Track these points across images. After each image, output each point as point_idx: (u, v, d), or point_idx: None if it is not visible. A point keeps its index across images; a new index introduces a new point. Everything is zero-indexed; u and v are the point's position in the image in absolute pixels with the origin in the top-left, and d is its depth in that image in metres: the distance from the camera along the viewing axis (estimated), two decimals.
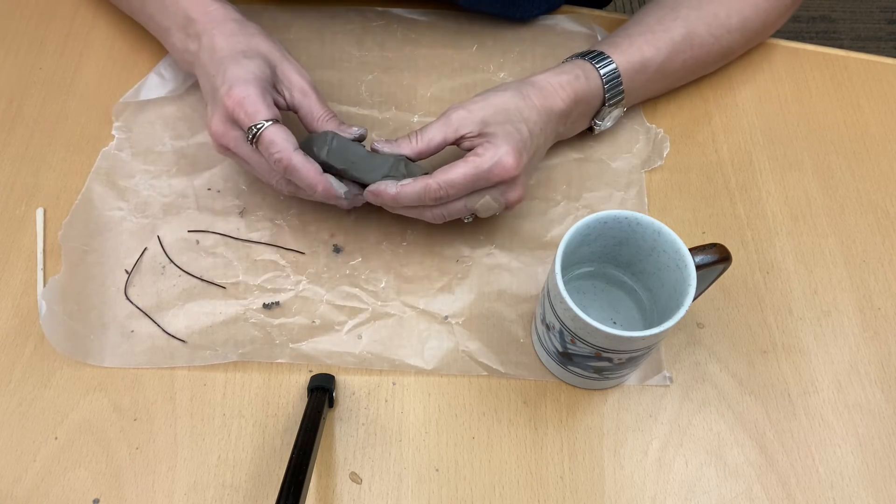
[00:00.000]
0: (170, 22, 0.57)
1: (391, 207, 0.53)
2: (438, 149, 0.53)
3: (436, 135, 0.52)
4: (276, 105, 0.53)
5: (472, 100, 0.54)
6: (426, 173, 0.52)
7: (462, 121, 0.52)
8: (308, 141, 0.53)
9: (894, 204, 0.61)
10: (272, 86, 0.54)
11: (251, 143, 0.51)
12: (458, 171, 0.50)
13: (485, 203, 0.53)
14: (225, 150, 0.54)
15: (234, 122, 0.51)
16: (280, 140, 0.50)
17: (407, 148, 0.52)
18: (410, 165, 0.53)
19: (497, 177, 0.51)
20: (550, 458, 0.50)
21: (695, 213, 0.60)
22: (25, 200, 0.58)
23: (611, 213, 0.47)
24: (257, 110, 0.50)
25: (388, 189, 0.51)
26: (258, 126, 0.50)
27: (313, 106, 0.54)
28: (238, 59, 0.52)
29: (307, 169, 0.50)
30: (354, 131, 0.53)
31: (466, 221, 0.55)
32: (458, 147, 0.53)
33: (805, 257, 0.58)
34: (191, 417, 0.50)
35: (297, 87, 0.54)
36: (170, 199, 0.58)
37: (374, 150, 0.53)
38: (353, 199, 0.53)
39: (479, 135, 0.52)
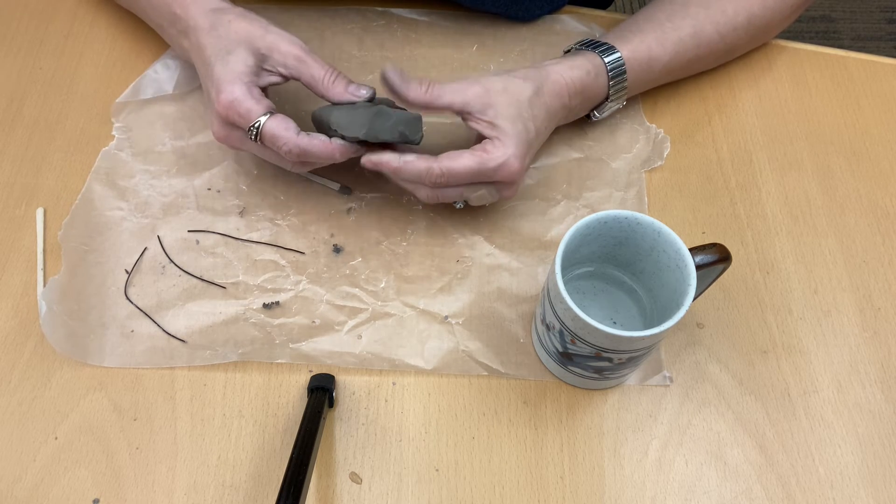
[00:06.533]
0: (161, 19, 0.58)
1: (388, 175, 0.53)
2: (440, 109, 0.53)
3: (445, 96, 0.52)
4: (280, 77, 0.53)
5: (489, 79, 0.53)
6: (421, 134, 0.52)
7: (476, 98, 0.52)
8: (322, 115, 0.52)
9: (894, 204, 0.61)
10: (261, 69, 0.53)
11: (255, 141, 0.51)
12: (462, 163, 0.50)
13: (480, 196, 0.54)
14: (234, 148, 0.54)
15: (231, 124, 0.52)
16: (281, 132, 0.50)
17: (415, 91, 0.51)
18: (414, 124, 0.52)
19: (500, 177, 0.52)
20: (550, 458, 0.50)
21: (695, 213, 0.60)
22: (25, 200, 0.58)
23: (611, 213, 0.47)
24: (249, 109, 0.50)
25: (392, 162, 0.51)
26: (256, 125, 0.50)
27: (313, 70, 0.53)
28: (221, 56, 0.52)
29: (316, 146, 0.51)
30: (363, 93, 0.53)
31: (457, 207, 0.56)
32: (462, 119, 0.53)
33: (805, 257, 0.58)
34: (191, 417, 0.50)
35: (290, 56, 0.52)
36: (170, 199, 0.58)
37: (384, 77, 0.52)
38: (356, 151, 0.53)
39: (489, 123, 0.52)
